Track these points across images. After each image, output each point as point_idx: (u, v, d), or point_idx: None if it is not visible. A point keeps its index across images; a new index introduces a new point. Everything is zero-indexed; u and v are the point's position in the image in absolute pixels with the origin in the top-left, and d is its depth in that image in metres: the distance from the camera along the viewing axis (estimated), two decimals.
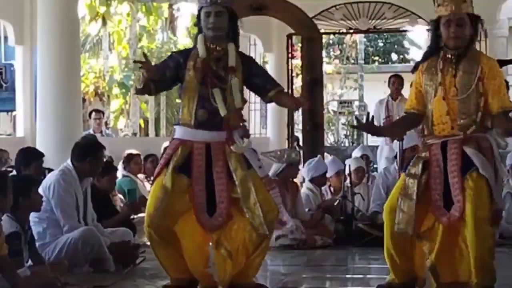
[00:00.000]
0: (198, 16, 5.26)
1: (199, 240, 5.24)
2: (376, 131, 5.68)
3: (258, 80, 5.28)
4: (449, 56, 5.10)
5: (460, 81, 5.04)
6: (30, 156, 7.05)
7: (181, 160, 5.13)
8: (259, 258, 5.24)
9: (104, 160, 7.00)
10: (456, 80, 5.05)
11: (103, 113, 14.01)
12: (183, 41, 21.65)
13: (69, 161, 6.48)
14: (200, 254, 5.24)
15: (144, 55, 5.12)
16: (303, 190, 8.81)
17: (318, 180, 8.92)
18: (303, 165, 9.31)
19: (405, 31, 13.00)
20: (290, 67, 11.47)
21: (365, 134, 25.04)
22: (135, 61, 5.50)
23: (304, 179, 9.34)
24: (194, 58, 5.18)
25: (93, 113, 12.33)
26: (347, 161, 9.43)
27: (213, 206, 5.13)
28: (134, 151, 9.92)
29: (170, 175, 5.10)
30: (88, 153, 6.47)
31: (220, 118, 5.14)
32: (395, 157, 9.11)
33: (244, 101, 5.29)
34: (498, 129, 5.09)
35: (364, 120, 5.32)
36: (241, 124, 5.29)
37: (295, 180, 8.76)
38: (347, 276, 6.70)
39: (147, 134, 21.84)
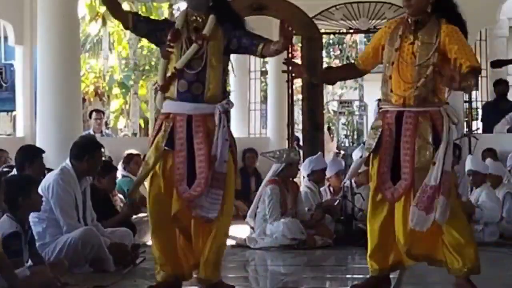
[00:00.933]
0: None
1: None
2: (306, 73, 5.57)
3: (245, 40, 5.24)
4: (408, 22, 5.10)
5: (418, 50, 5.01)
6: (33, 154, 7.04)
7: (165, 135, 5.13)
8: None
9: (103, 160, 6.99)
10: (413, 47, 5.03)
11: (104, 113, 14.01)
12: None
13: (68, 161, 6.48)
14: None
15: None
16: (302, 189, 8.80)
17: (317, 176, 8.90)
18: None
19: None
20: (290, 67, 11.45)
21: (365, 134, 25.04)
22: None
23: (303, 178, 9.33)
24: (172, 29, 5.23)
25: (94, 113, 12.31)
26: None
27: (194, 179, 5.11)
28: (134, 151, 9.91)
29: (152, 152, 5.12)
30: (85, 152, 6.46)
31: (201, 90, 5.14)
32: None
33: (226, 72, 5.28)
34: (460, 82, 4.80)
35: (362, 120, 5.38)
36: (223, 97, 5.24)
37: (295, 180, 8.76)
38: (347, 276, 6.69)
39: (147, 134, 21.84)
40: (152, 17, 5.32)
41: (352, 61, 5.30)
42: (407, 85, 5.02)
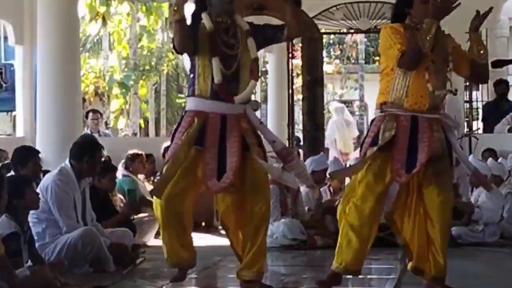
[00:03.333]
0: None
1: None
2: None
3: (269, 31, 5.40)
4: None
5: (437, 56, 5.06)
6: (26, 155, 7.03)
7: (196, 133, 5.16)
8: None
9: (103, 160, 6.97)
10: (433, 54, 5.04)
11: (101, 114, 13.99)
12: None
13: (67, 161, 6.47)
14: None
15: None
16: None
17: (318, 176, 8.89)
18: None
19: None
20: (290, 67, 11.46)
21: (365, 134, 24.99)
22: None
23: None
24: (203, 30, 5.22)
25: (90, 114, 12.31)
26: (349, 162, 9.42)
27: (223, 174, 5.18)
28: (138, 151, 9.91)
29: (183, 146, 5.13)
30: (85, 152, 6.44)
31: (236, 90, 5.20)
32: None
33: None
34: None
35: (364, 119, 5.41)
36: (252, 97, 5.38)
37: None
38: (348, 276, 6.67)
39: (147, 134, 21.84)
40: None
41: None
42: (424, 92, 5.05)
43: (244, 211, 5.28)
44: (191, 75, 5.28)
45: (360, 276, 5.48)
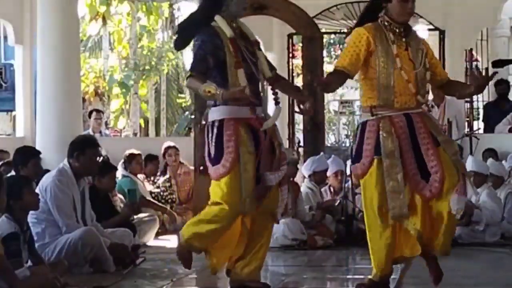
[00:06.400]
0: None
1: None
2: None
3: None
4: (397, 30, 5.15)
5: (413, 55, 5.13)
6: (27, 155, 7.02)
7: (248, 141, 5.13)
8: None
9: (103, 160, 6.96)
10: (408, 53, 5.12)
11: (103, 113, 14.00)
12: None
13: (65, 161, 6.45)
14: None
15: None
16: (303, 189, 8.78)
17: (319, 176, 8.89)
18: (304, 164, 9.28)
19: None
20: (290, 67, 11.44)
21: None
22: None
23: (303, 179, 9.30)
24: (225, 38, 5.15)
25: (94, 113, 12.29)
26: (349, 161, 9.39)
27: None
28: (135, 151, 9.90)
29: (249, 159, 5.09)
30: (76, 149, 6.41)
31: (259, 93, 5.24)
32: None
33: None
34: (454, 93, 5.39)
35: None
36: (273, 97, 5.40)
37: (295, 180, 8.74)
38: (348, 276, 6.68)
39: (147, 134, 21.85)
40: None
41: (336, 70, 5.19)
42: (409, 90, 5.10)
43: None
44: (216, 83, 5.09)
45: (361, 276, 5.47)
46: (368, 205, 5.14)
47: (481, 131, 11.90)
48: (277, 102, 5.38)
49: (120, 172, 9.31)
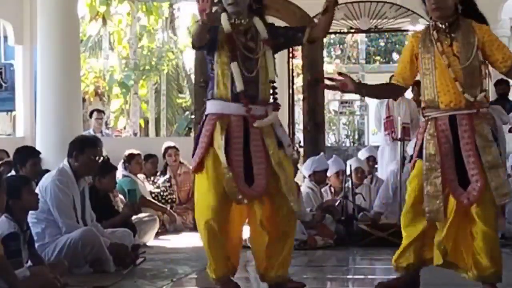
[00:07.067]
0: None
1: (236, 220, 5.23)
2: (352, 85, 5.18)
3: (290, 32, 5.37)
4: (441, 26, 5.05)
5: (460, 50, 4.97)
6: (26, 155, 7.01)
7: (223, 136, 5.07)
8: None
9: (103, 160, 6.95)
10: (453, 49, 4.98)
11: (104, 113, 14.00)
12: (184, 41, 21.64)
13: (65, 161, 6.45)
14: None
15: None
16: (303, 189, 8.77)
17: (319, 176, 8.88)
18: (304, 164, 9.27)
19: (406, 30, 12.94)
20: (290, 67, 11.44)
21: (366, 134, 25.04)
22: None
23: (303, 179, 9.30)
24: (222, 33, 5.15)
25: (95, 113, 12.29)
26: (349, 162, 9.39)
27: (250, 178, 5.09)
28: (135, 151, 9.90)
29: (222, 156, 5.02)
30: (74, 148, 6.41)
31: (256, 92, 5.16)
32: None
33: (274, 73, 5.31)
34: None
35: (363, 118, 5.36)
36: (272, 98, 5.30)
37: (295, 180, 8.73)
38: (348, 276, 6.67)
39: (147, 134, 21.84)
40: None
41: (390, 81, 5.18)
42: (455, 88, 4.95)
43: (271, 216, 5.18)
44: (211, 78, 5.17)
45: (361, 276, 5.46)
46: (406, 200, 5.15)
47: None
48: (276, 107, 5.31)
49: (120, 172, 9.31)
